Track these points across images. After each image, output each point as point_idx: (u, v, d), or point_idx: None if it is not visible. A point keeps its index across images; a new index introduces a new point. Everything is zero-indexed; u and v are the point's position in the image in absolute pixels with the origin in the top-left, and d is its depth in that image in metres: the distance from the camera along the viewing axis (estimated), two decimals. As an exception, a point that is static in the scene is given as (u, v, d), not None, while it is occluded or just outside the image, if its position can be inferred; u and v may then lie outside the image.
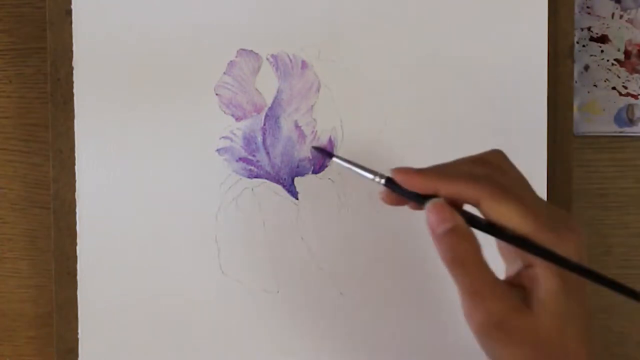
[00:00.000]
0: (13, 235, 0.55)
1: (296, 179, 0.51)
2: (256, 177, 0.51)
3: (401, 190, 0.40)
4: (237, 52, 0.51)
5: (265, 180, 0.51)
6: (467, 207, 0.39)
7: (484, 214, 0.39)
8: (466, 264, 0.38)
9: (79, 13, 0.50)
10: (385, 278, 0.51)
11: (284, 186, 0.51)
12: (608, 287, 0.38)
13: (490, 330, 0.38)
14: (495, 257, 0.40)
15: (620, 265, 0.55)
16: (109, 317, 0.51)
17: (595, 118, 0.54)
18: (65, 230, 0.51)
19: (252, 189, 0.51)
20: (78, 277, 0.51)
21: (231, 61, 0.51)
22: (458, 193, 0.38)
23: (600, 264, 0.55)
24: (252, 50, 0.51)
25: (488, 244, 0.39)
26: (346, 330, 0.51)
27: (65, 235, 0.51)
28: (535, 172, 0.51)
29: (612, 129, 0.54)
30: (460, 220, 0.39)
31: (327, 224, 0.51)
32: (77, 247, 0.51)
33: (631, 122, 0.54)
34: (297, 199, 0.51)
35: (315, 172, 0.51)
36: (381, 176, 0.40)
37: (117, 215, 0.51)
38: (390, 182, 0.40)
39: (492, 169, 0.40)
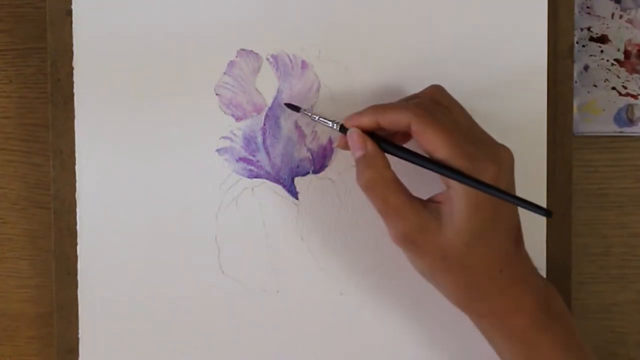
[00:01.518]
0: (13, 235, 0.55)
1: (296, 179, 0.51)
2: (256, 177, 0.51)
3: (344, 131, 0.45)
4: (237, 52, 0.51)
5: (265, 180, 0.51)
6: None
7: (415, 138, 0.43)
8: (376, 187, 0.44)
9: (79, 13, 0.50)
10: (386, 278, 0.51)
11: (284, 186, 0.51)
12: (516, 204, 0.42)
13: (402, 244, 0.44)
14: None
15: (620, 265, 0.55)
16: (109, 317, 0.51)
17: (595, 118, 0.54)
18: (65, 230, 0.51)
19: (252, 189, 0.51)
20: (78, 277, 0.51)
21: (231, 61, 0.51)
22: (392, 120, 0.43)
23: (599, 263, 0.55)
24: (252, 50, 0.51)
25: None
26: (346, 330, 0.51)
27: (65, 235, 0.51)
28: (535, 172, 0.51)
29: (611, 129, 0.54)
30: (371, 146, 0.44)
31: (327, 224, 0.51)
32: (77, 247, 0.51)
33: (631, 122, 0.54)
34: (297, 199, 0.51)
35: (315, 172, 0.51)
36: (337, 123, 0.47)
37: (117, 215, 0.51)
38: (342, 128, 0.46)
39: (424, 100, 0.45)
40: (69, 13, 0.50)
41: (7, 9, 0.54)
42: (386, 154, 0.44)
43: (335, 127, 0.47)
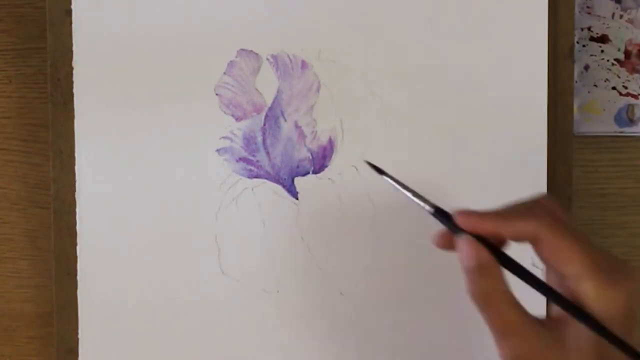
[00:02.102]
0: (13, 235, 0.55)
1: (296, 179, 0.51)
2: (256, 177, 0.51)
3: (451, 225, 0.40)
4: (237, 52, 0.51)
5: (265, 180, 0.51)
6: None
7: (541, 251, 0.38)
8: (490, 302, 0.39)
9: (79, 13, 0.50)
10: (385, 278, 0.51)
11: (284, 186, 0.51)
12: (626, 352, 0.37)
13: None
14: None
15: (620, 265, 0.55)
16: (109, 317, 0.51)
17: (595, 118, 0.54)
18: (65, 230, 0.51)
19: (252, 189, 0.51)
20: (78, 277, 0.51)
21: (231, 61, 0.51)
22: (518, 231, 0.38)
23: (600, 264, 0.55)
24: (252, 50, 0.51)
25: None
26: (346, 330, 0.51)
27: (65, 235, 0.51)
28: (535, 172, 0.51)
29: (612, 129, 0.54)
30: (486, 256, 0.39)
31: (327, 224, 0.51)
32: (77, 247, 0.51)
33: (631, 122, 0.54)
34: (297, 199, 0.51)
35: (315, 172, 0.51)
36: (432, 206, 0.40)
37: (117, 215, 0.51)
38: (438, 214, 0.40)
39: (548, 208, 0.40)
40: (69, 13, 0.50)
41: (7, 9, 0.54)
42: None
43: (428, 208, 0.40)
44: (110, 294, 0.51)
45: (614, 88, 0.54)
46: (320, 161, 0.51)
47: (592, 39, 0.54)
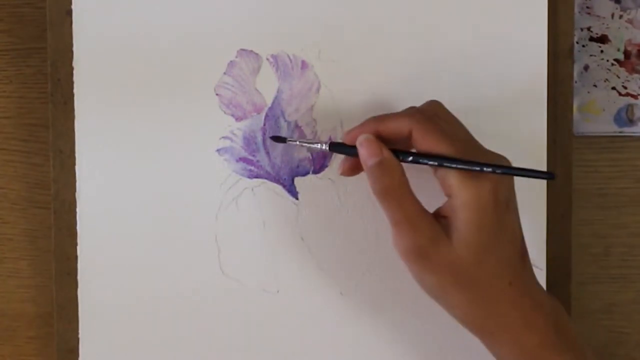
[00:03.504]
0: (13, 235, 0.55)
1: (296, 179, 0.51)
2: (256, 177, 0.51)
3: (346, 149, 0.45)
4: (237, 52, 0.51)
5: (265, 180, 0.51)
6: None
7: (414, 145, 0.43)
8: (391, 195, 0.42)
9: (79, 13, 0.50)
10: (386, 278, 0.51)
11: (284, 186, 0.51)
12: (522, 175, 0.42)
13: (411, 258, 0.42)
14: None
15: (620, 265, 0.55)
16: (109, 317, 0.51)
17: (595, 118, 0.54)
18: (65, 230, 0.51)
19: (252, 189, 0.51)
20: (78, 277, 0.51)
21: (231, 61, 0.51)
22: (393, 129, 0.43)
23: (599, 263, 0.55)
24: (252, 50, 0.51)
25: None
26: (346, 330, 0.51)
27: (65, 235, 0.51)
28: (535, 172, 0.51)
29: (611, 129, 0.54)
30: (387, 153, 0.43)
31: (327, 224, 0.51)
32: (77, 247, 0.51)
33: (631, 122, 0.54)
34: (297, 199, 0.51)
35: (315, 172, 0.51)
36: (325, 143, 0.46)
37: (117, 215, 0.51)
38: (334, 146, 0.46)
39: (423, 110, 0.45)
40: (69, 13, 0.50)
41: (7, 9, 0.54)
42: None
43: (324, 147, 0.46)
44: (110, 294, 0.51)
45: (613, 88, 0.54)
46: (320, 161, 0.51)
47: (591, 39, 0.54)
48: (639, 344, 0.55)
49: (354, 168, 0.46)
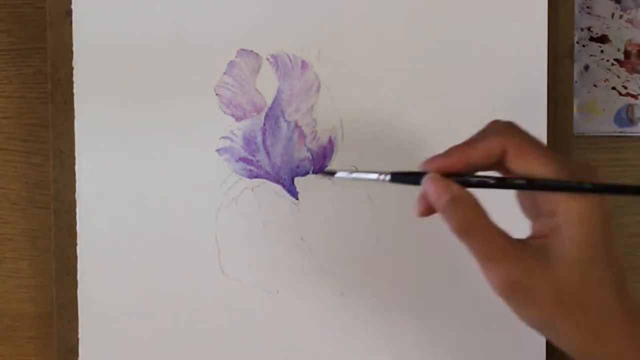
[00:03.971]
0: (13, 235, 0.55)
1: (296, 179, 0.51)
2: (256, 177, 0.51)
3: (409, 178, 0.40)
4: (237, 52, 0.51)
5: (265, 180, 0.51)
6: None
7: (510, 165, 0.39)
8: (472, 231, 0.38)
9: (79, 13, 0.50)
10: (385, 278, 0.51)
11: (284, 186, 0.51)
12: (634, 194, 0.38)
13: (508, 293, 0.38)
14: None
15: (620, 265, 0.55)
16: (109, 317, 0.51)
17: (595, 118, 0.54)
18: (65, 230, 0.51)
19: (252, 189, 0.51)
20: (78, 277, 0.51)
21: (231, 61, 0.51)
22: (486, 152, 0.39)
23: (600, 263, 0.55)
24: (252, 50, 0.51)
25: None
26: (346, 330, 0.51)
27: (65, 235, 0.51)
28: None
29: (612, 129, 0.54)
30: (458, 188, 0.39)
31: (327, 224, 0.51)
32: (77, 247, 0.51)
33: (631, 122, 0.54)
34: (297, 199, 0.51)
35: (315, 172, 0.51)
36: (386, 174, 0.41)
37: (117, 215, 0.51)
38: (395, 177, 0.41)
39: (509, 123, 0.40)
40: (69, 13, 0.50)
41: (7, 9, 0.54)
42: None
43: (385, 178, 0.41)
44: (110, 294, 0.51)
45: (613, 88, 0.54)
46: (320, 161, 0.51)
47: (591, 39, 0.54)
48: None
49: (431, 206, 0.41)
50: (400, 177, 0.41)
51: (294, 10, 0.50)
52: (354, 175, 0.44)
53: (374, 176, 0.41)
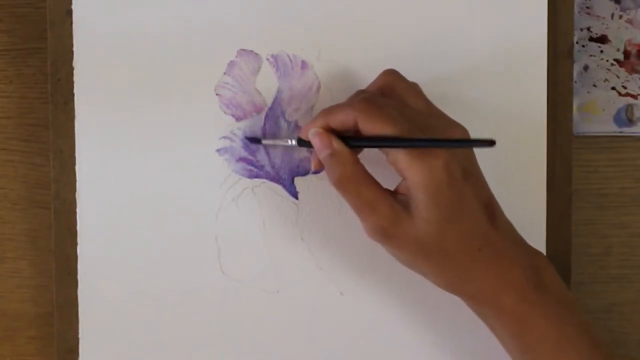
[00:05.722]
0: (13, 235, 0.55)
1: (296, 179, 0.51)
2: (256, 177, 0.51)
3: (309, 143, 0.45)
4: (237, 52, 0.51)
5: (265, 180, 0.51)
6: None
7: (363, 132, 0.43)
8: (347, 184, 0.43)
9: (79, 13, 0.50)
10: (386, 278, 0.51)
11: (284, 186, 0.51)
12: (461, 146, 0.43)
13: (378, 239, 0.43)
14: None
15: (620, 265, 0.55)
16: (109, 317, 0.51)
17: (595, 118, 0.54)
18: (65, 230, 0.51)
19: (252, 189, 0.51)
20: (78, 277, 0.51)
21: (231, 61, 0.51)
22: (342, 121, 0.44)
23: (599, 263, 0.55)
24: (252, 50, 0.51)
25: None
26: (346, 330, 0.51)
27: (65, 235, 0.51)
28: (535, 172, 0.51)
29: (611, 129, 0.54)
30: (337, 144, 0.44)
31: (327, 224, 0.51)
32: (78, 247, 0.51)
33: (630, 122, 0.54)
34: (297, 199, 0.51)
35: (315, 172, 0.51)
36: (293, 139, 0.47)
37: (117, 215, 0.51)
38: (301, 142, 0.46)
39: (369, 94, 0.46)
40: (69, 13, 0.50)
41: (8, 9, 0.54)
42: None
43: (293, 142, 0.47)
44: (110, 294, 0.51)
45: (613, 88, 0.54)
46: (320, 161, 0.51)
47: (591, 39, 0.54)
48: (639, 344, 0.55)
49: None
50: (303, 143, 0.46)
51: (294, 10, 0.50)
52: (272, 142, 0.50)
53: (286, 142, 0.48)
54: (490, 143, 0.39)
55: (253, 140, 0.50)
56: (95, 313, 0.51)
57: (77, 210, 0.50)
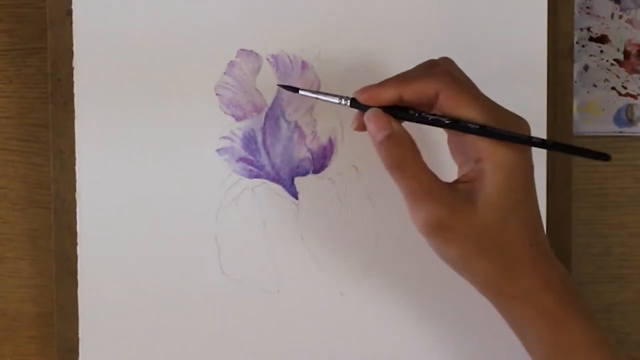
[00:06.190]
0: (13, 235, 0.55)
1: (296, 179, 0.51)
2: (256, 177, 0.51)
3: (366, 108, 0.43)
4: (237, 52, 0.51)
5: (265, 180, 0.51)
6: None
7: (441, 108, 0.41)
8: (404, 169, 0.41)
9: (79, 13, 0.50)
10: (385, 278, 0.51)
11: (284, 186, 0.51)
12: (572, 153, 0.41)
13: (431, 231, 0.41)
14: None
15: (620, 265, 0.55)
16: (109, 317, 0.51)
17: (595, 118, 0.54)
18: (65, 230, 0.51)
19: (252, 189, 0.51)
20: (78, 277, 0.51)
21: (231, 61, 0.51)
22: (419, 91, 0.41)
23: (599, 263, 0.55)
24: (252, 50, 0.51)
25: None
26: (346, 330, 0.51)
27: (65, 235, 0.51)
28: (535, 172, 0.51)
29: (611, 129, 0.54)
30: (397, 126, 0.42)
31: (327, 224, 0.51)
32: (78, 247, 0.51)
33: (630, 122, 0.54)
34: (297, 199, 0.51)
35: (315, 172, 0.51)
36: (346, 98, 0.44)
37: (117, 215, 0.51)
38: (355, 102, 0.43)
39: (446, 68, 0.43)
40: (69, 13, 0.50)
41: (8, 9, 0.54)
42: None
43: (345, 102, 0.44)
44: (110, 294, 0.51)
45: (613, 88, 0.54)
46: (320, 161, 0.51)
47: (591, 39, 0.54)
48: (639, 344, 0.55)
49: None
50: (356, 104, 0.43)
51: (294, 10, 0.50)
52: (316, 95, 0.46)
53: (336, 100, 0.44)
54: (605, 157, 0.39)
55: (289, 88, 0.48)
56: (95, 313, 0.51)
57: (77, 210, 0.51)
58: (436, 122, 0.41)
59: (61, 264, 0.51)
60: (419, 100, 0.42)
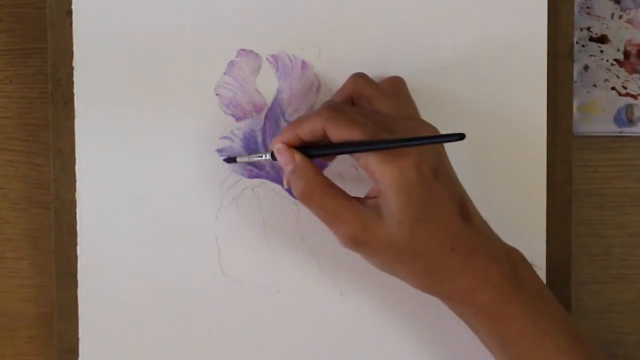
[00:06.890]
0: (13, 235, 0.55)
1: (296, 179, 0.51)
2: (256, 177, 0.51)
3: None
4: (237, 52, 0.51)
5: (265, 180, 0.51)
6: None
7: (332, 140, 0.43)
8: (310, 197, 0.44)
9: (79, 13, 0.50)
10: (386, 278, 0.51)
11: (284, 186, 0.51)
12: (431, 142, 0.42)
13: (350, 247, 0.44)
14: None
15: (620, 265, 0.55)
16: (109, 317, 0.51)
17: (595, 118, 0.54)
18: (65, 230, 0.51)
19: (252, 189, 0.51)
20: (78, 277, 0.51)
21: (231, 61, 0.51)
22: (310, 131, 0.44)
23: (599, 263, 0.55)
24: (252, 50, 0.51)
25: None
26: (346, 330, 0.51)
27: (65, 235, 0.51)
28: (535, 172, 0.51)
29: (611, 129, 0.54)
30: (299, 158, 0.44)
31: (327, 224, 0.51)
32: (78, 247, 0.51)
33: (630, 122, 0.54)
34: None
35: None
36: (267, 153, 0.47)
37: (117, 215, 0.51)
38: (274, 156, 0.46)
39: (334, 102, 0.46)
40: (69, 13, 0.50)
41: (8, 9, 0.54)
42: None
43: (267, 157, 0.47)
44: (110, 294, 0.51)
45: (613, 88, 0.54)
46: (320, 161, 0.51)
47: (591, 39, 0.54)
48: (639, 344, 0.55)
49: None
50: (275, 156, 0.46)
51: (294, 10, 0.50)
52: (246, 159, 0.49)
53: (262, 157, 0.48)
54: (460, 137, 0.39)
55: (229, 160, 0.50)
56: (95, 313, 0.51)
57: (77, 210, 0.50)
58: (334, 153, 0.46)
59: (61, 264, 0.51)
60: (315, 138, 0.44)
